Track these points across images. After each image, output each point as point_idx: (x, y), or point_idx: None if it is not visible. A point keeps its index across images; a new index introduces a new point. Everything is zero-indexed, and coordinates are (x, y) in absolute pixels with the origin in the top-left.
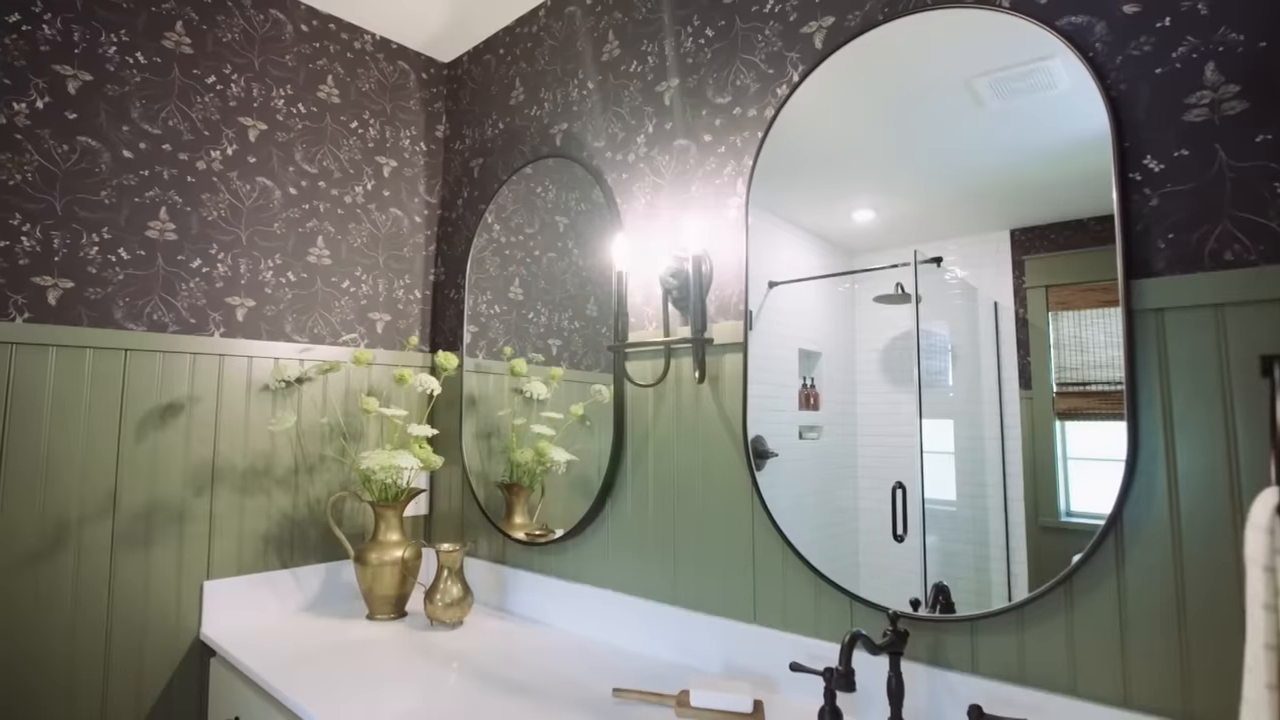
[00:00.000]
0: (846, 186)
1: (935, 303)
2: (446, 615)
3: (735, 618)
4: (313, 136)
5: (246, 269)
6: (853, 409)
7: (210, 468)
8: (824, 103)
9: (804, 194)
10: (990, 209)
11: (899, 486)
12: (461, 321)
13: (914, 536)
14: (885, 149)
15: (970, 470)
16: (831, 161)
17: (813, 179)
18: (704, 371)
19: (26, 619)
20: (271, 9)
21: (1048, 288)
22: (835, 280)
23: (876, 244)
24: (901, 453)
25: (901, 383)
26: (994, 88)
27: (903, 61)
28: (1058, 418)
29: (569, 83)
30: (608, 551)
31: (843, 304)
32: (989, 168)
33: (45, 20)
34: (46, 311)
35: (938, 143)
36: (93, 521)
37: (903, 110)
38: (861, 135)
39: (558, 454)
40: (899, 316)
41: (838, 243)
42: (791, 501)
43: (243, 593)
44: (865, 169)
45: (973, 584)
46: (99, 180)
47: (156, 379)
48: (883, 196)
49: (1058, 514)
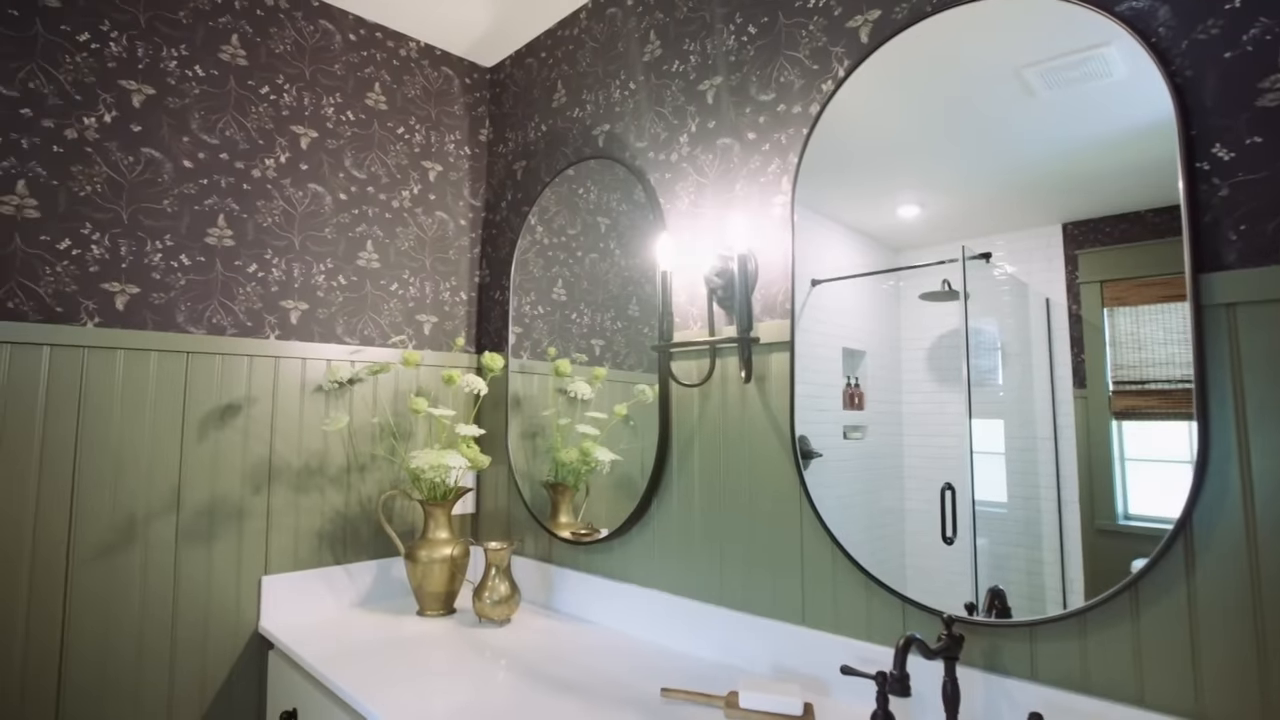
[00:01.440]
0: (891, 182)
1: (984, 299)
2: (495, 613)
3: (783, 619)
4: (361, 143)
5: (300, 273)
6: (898, 408)
7: (267, 466)
8: (868, 97)
9: (847, 190)
10: (1041, 202)
11: (948, 488)
12: (506, 323)
13: (964, 539)
14: (931, 143)
15: (1022, 471)
16: (876, 157)
17: (856, 175)
18: (750, 371)
19: (101, 609)
20: (321, 20)
21: (1102, 283)
22: (879, 278)
23: (922, 240)
24: (950, 453)
25: (949, 382)
26: (1045, 77)
27: (950, 53)
28: (1114, 417)
29: (610, 84)
30: (654, 551)
31: (887, 302)
32: (1039, 160)
33: (112, 38)
34: (115, 316)
35: (986, 135)
36: (159, 517)
37: (950, 103)
38: (907, 129)
39: (602, 454)
40: (946, 314)
41: (882, 239)
42: (836, 502)
43: (299, 587)
44: (910, 164)
45: (1025, 588)
46: (161, 190)
47: (216, 380)
48: (928, 192)
49: (1115, 517)
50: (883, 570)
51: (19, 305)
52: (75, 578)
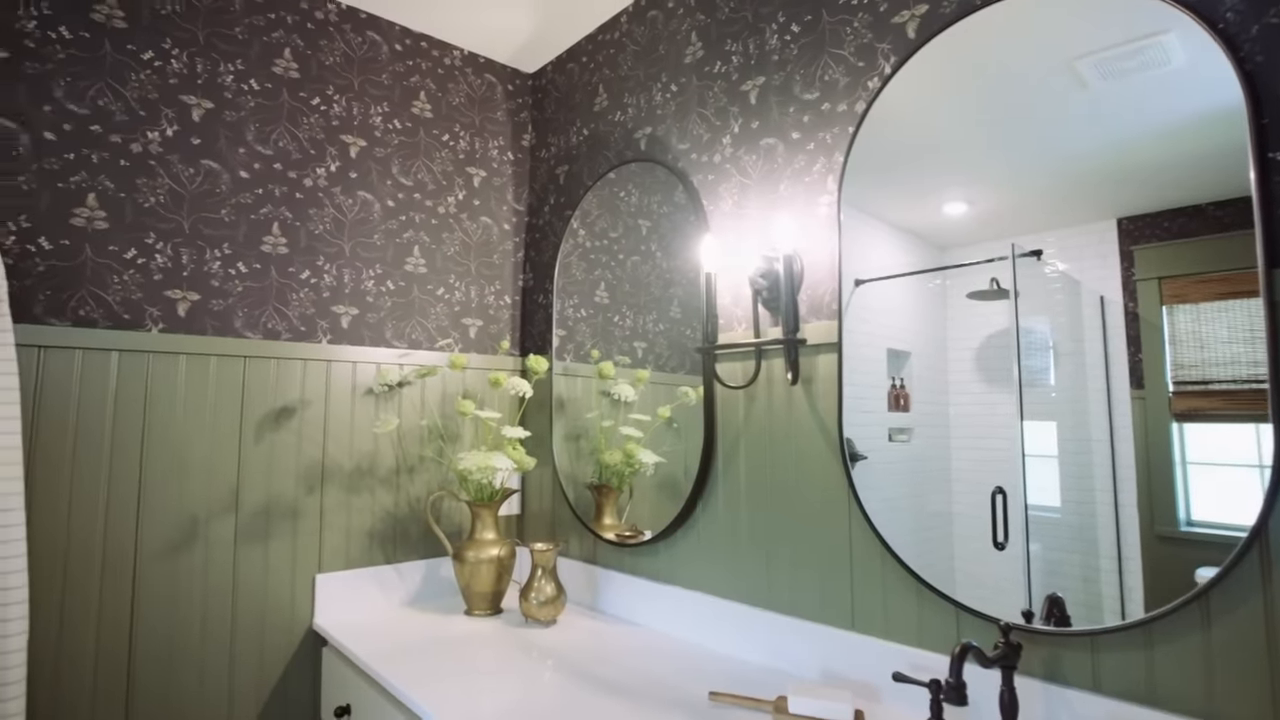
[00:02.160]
0: (937, 179)
1: (1034, 298)
2: (541, 613)
3: (832, 623)
4: (408, 150)
5: (350, 279)
6: (945, 410)
7: (320, 467)
8: (914, 93)
9: (892, 188)
10: (1094, 197)
11: (999, 491)
12: (550, 325)
13: (1015, 544)
14: (980, 138)
15: (1076, 475)
16: (921, 153)
17: (901, 172)
18: (797, 373)
19: (165, 606)
20: (369, 31)
21: (1160, 279)
22: (925, 277)
23: (969, 238)
24: (1000, 456)
25: (998, 383)
26: (1099, 68)
27: (1000, 46)
28: (1175, 419)
29: (652, 86)
30: (699, 553)
31: (933, 301)
32: (1092, 153)
33: (174, 55)
34: (177, 322)
35: (1037, 129)
36: (218, 517)
37: (999, 97)
38: (954, 125)
39: (646, 455)
40: (994, 313)
41: (927, 237)
42: (882, 505)
43: (351, 586)
44: (958, 160)
45: (1082, 596)
46: (220, 200)
47: (271, 384)
48: (976, 188)
49: (1177, 523)
50: (931, 575)
51: (89, 313)
52: (142, 575)
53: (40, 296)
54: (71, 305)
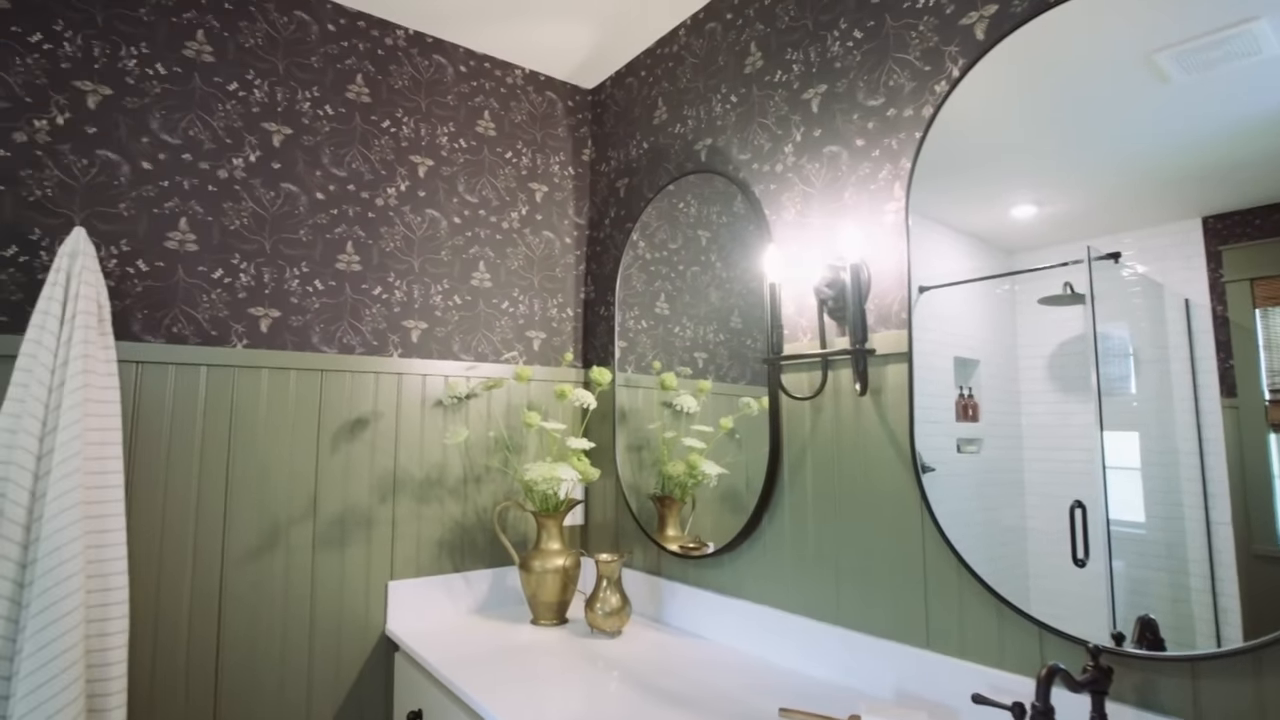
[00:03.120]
0: (1005, 181)
1: (1112, 302)
2: (606, 624)
3: (905, 641)
4: (473, 168)
5: (419, 294)
6: (1016, 420)
7: (392, 477)
8: (982, 94)
9: (957, 192)
10: (1176, 195)
11: (1077, 505)
12: (611, 337)
13: (1097, 562)
14: (1051, 138)
15: (1162, 489)
16: (988, 155)
17: (967, 175)
18: (866, 383)
19: (249, 609)
20: (435, 55)
21: (1253, 281)
22: (993, 282)
23: (1039, 241)
24: (1077, 468)
25: (1073, 391)
26: (1181, 60)
27: (1072, 42)
28: (1272, 429)
29: (711, 98)
30: (765, 567)
31: (1002, 307)
32: (1174, 149)
33: (256, 85)
34: (260, 338)
35: (1113, 126)
36: (298, 524)
37: (1071, 94)
38: (1023, 125)
39: (709, 467)
40: (1068, 319)
41: (993, 241)
42: (951, 518)
43: (421, 593)
44: (1027, 161)
45: (1171, 618)
46: (298, 220)
47: (346, 396)
48: (1046, 189)
49: (1278, 541)
50: (1006, 592)
51: (181, 330)
52: (228, 579)
53: (138, 315)
54: (165, 323)
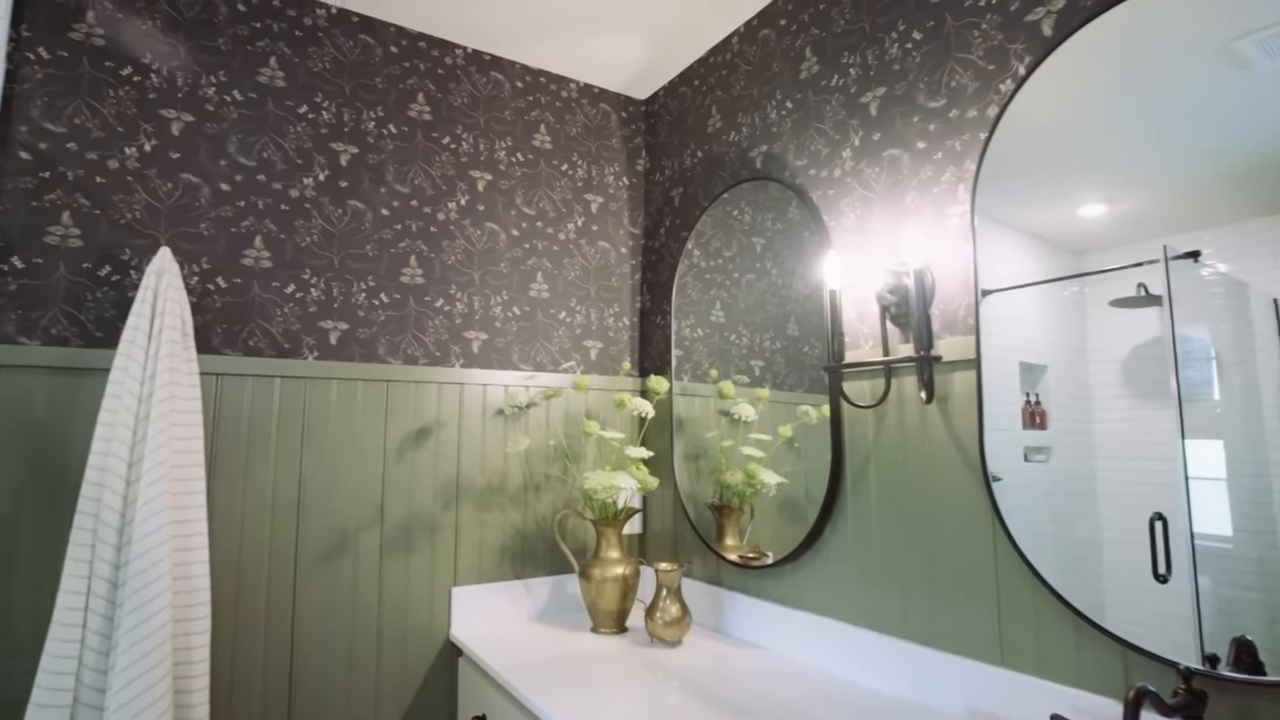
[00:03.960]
0: (1071, 179)
1: (1191, 303)
2: (666, 633)
3: (977, 657)
4: (530, 181)
5: (479, 305)
6: (1088, 427)
7: (455, 485)
8: (1047, 91)
9: (1021, 193)
10: (1260, 188)
11: (1158, 518)
12: (668, 346)
13: (1180, 578)
14: (1121, 134)
15: (1252, 500)
16: (1053, 153)
17: (1031, 175)
18: (932, 391)
19: (321, 612)
20: (493, 71)
21: None
22: (1060, 285)
23: (1110, 241)
24: (1156, 478)
25: (1150, 397)
26: (1264, 45)
27: (1145, 34)
28: None
29: (766, 105)
30: (828, 578)
31: (1069, 310)
32: (1258, 139)
33: (324, 107)
34: (329, 350)
35: (1189, 119)
36: (366, 530)
37: (1144, 87)
38: (1092, 121)
39: (768, 476)
40: (1143, 321)
41: (1059, 242)
42: (1021, 530)
43: (483, 599)
44: (1095, 158)
45: (1267, 639)
46: (364, 236)
47: (411, 406)
48: (1117, 188)
49: None
50: (1082, 608)
51: (257, 343)
52: (300, 583)
53: (218, 329)
54: (242, 337)
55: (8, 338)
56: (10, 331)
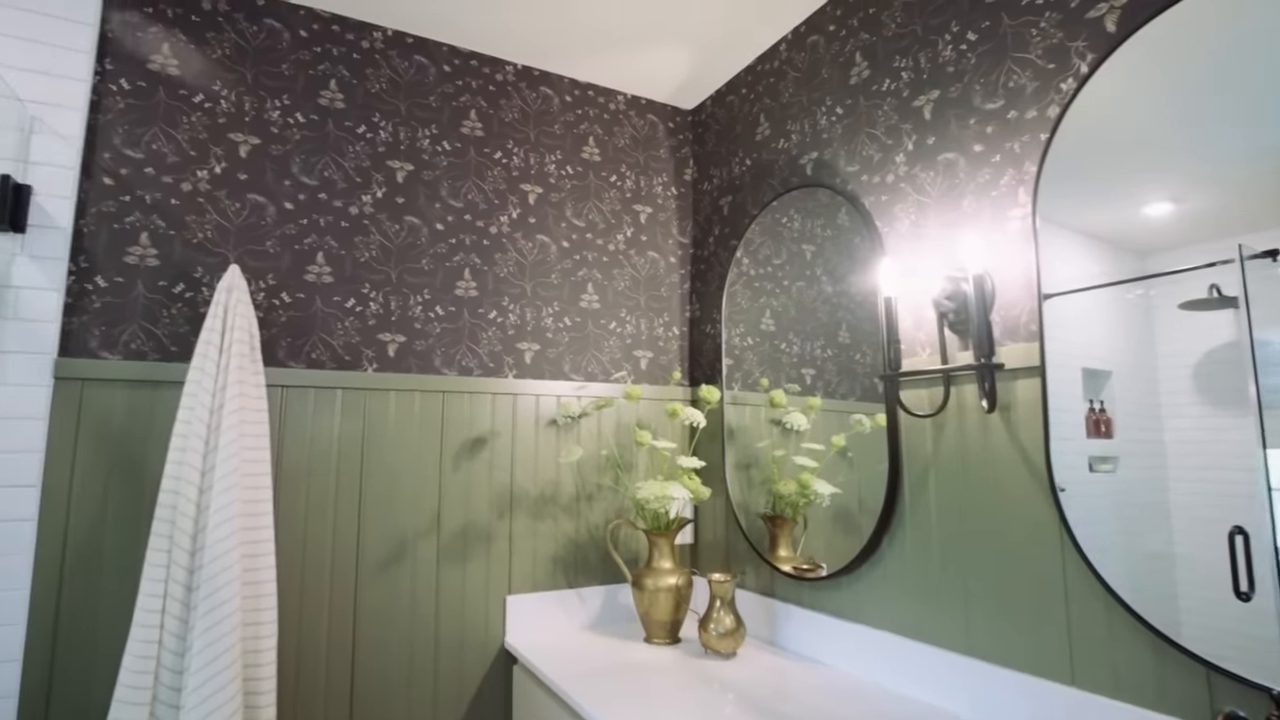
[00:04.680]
0: (1135, 178)
1: (1269, 305)
2: (720, 645)
3: (1047, 676)
4: (580, 193)
5: (532, 317)
6: (1158, 436)
7: (509, 494)
8: (1110, 88)
9: (1081, 193)
10: None
11: (1238, 531)
12: (718, 355)
13: (1264, 596)
14: (1190, 129)
15: None
16: (1116, 152)
17: (1092, 174)
18: (994, 399)
19: (381, 618)
20: (542, 87)
21: None
22: (1123, 288)
23: (1177, 240)
24: (1233, 489)
25: (1227, 404)
26: None
27: (1216, 25)
28: None
29: (816, 111)
30: (887, 591)
31: (1134, 314)
32: None
33: (382, 127)
34: (388, 362)
35: (1263, 113)
36: (423, 538)
37: (1213, 81)
38: (1156, 117)
39: (821, 486)
40: (1216, 324)
41: (1122, 243)
42: (1088, 544)
43: (537, 608)
44: (1161, 155)
45: None
46: (420, 251)
47: (466, 416)
48: (1184, 185)
49: None
50: (1157, 626)
51: (319, 356)
52: (361, 590)
53: (283, 343)
54: (306, 349)
55: (92, 353)
56: (94, 347)
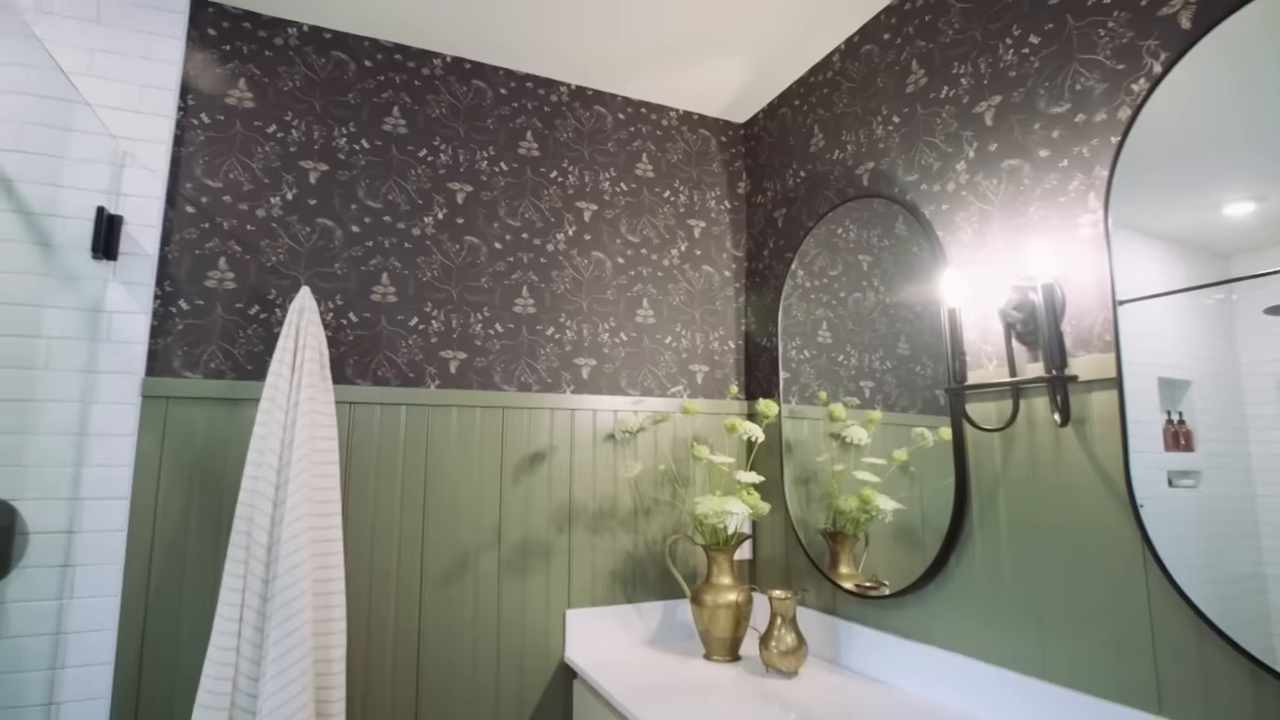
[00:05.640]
0: (1213, 176)
1: None
2: (782, 663)
3: (1132, 704)
4: (634, 210)
5: (588, 333)
6: (1244, 449)
7: (567, 508)
8: (1186, 87)
9: (1156, 196)
10: None
11: None
12: (774, 368)
13: None
14: (1273, 125)
15: None
16: (1191, 150)
17: (1168, 176)
18: (1067, 413)
19: (444, 630)
20: (595, 106)
21: None
22: (1202, 293)
23: (1261, 242)
24: None
25: None
26: None
27: None
28: None
29: (871, 121)
30: (955, 610)
31: (1215, 320)
32: None
33: (442, 150)
34: (449, 378)
35: None
36: (485, 551)
37: None
38: (1238, 114)
39: (884, 501)
40: None
41: (1199, 246)
42: (1171, 564)
43: (596, 622)
44: (1242, 153)
45: None
46: (479, 269)
47: (524, 431)
48: (1270, 183)
49: None
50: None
51: (384, 373)
52: (425, 602)
53: (350, 361)
54: (372, 367)
55: (175, 372)
56: (178, 367)
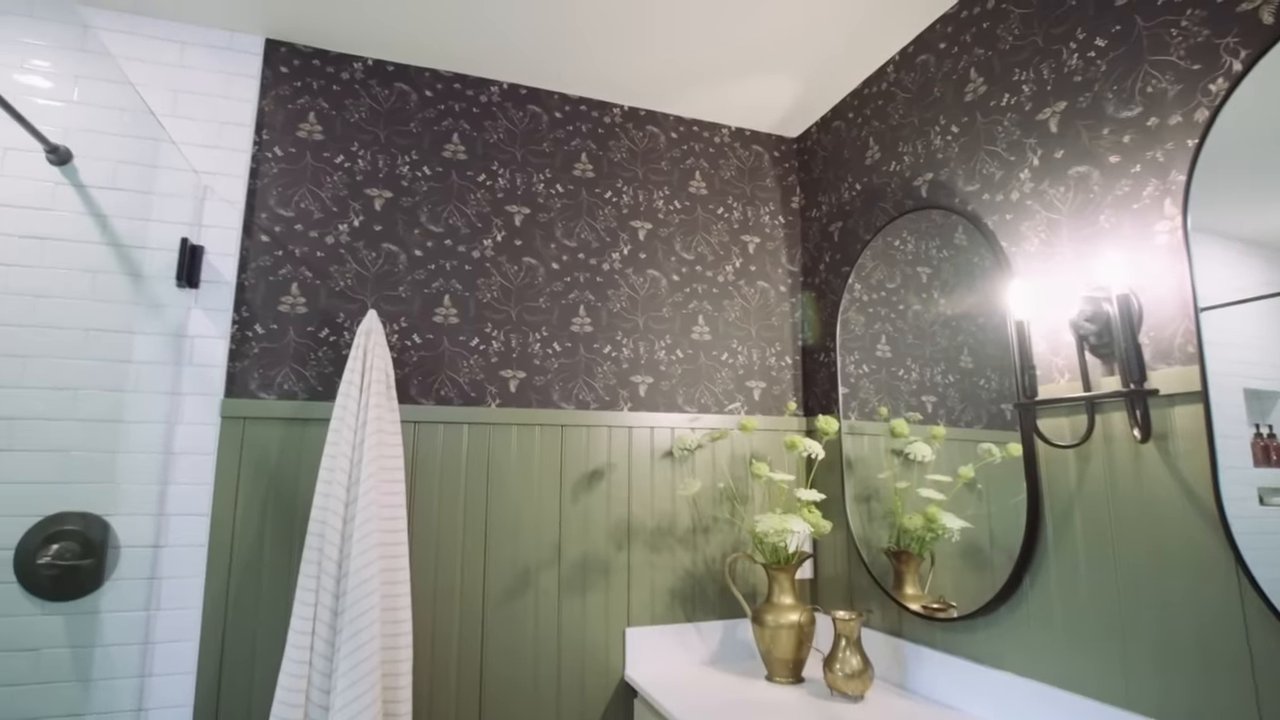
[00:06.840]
0: None
1: None
2: (848, 687)
3: None
4: (688, 227)
5: (644, 350)
6: None
7: (626, 526)
8: (1267, 84)
9: (1237, 198)
10: None
11: None
12: (833, 384)
13: None
14: None
15: None
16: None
17: (1249, 177)
18: (1148, 429)
19: (506, 647)
20: (648, 126)
21: None
22: None
23: None
24: None
25: None
26: None
27: None
28: None
29: (929, 131)
30: (1030, 635)
31: None
32: None
33: (500, 175)
34: (509, 397)
35: None
36: (545, 569)
37: None
38: None
39: (950, 520)
40: None
41: None
42: (1270, 588)
43: (656, 641)
44: None
45: None
46: (537, 290)
47: (583, 449)
48: None
49: None
50: None
51: (447, 393)
52: (488, 618)
53: (414, 381)
54: (434, 387)
55: (252, 394)
56: (254, 388)
